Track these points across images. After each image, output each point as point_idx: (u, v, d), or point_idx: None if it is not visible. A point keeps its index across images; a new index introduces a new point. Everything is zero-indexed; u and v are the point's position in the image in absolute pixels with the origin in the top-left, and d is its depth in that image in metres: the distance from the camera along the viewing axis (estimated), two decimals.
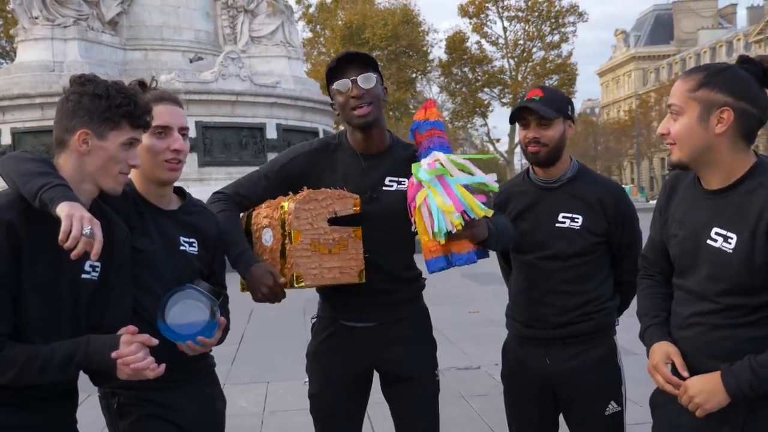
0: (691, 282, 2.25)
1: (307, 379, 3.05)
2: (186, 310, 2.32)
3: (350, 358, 2.91)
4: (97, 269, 2.21)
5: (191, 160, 17.21)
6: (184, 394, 2.49)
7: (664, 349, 2.26)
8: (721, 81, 2.11)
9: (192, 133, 17.15)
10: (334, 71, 2.82)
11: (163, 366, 2.09)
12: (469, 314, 8.95)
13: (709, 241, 2.15)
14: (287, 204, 2.70)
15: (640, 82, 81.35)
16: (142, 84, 2.41)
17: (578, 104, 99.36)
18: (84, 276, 2.17)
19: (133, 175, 2.48)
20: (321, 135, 20.10)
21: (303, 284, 2.67)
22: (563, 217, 2.90)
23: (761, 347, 2.08)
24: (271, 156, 17.96)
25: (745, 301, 2.12)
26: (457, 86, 49.96)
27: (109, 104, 2.12)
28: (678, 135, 2.16)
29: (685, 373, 2.18)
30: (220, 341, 2.48)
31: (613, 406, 2.86)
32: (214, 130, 17.64)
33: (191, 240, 2.52)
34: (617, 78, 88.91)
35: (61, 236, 1.89)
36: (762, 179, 2.10)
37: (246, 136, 18.20)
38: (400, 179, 2.88)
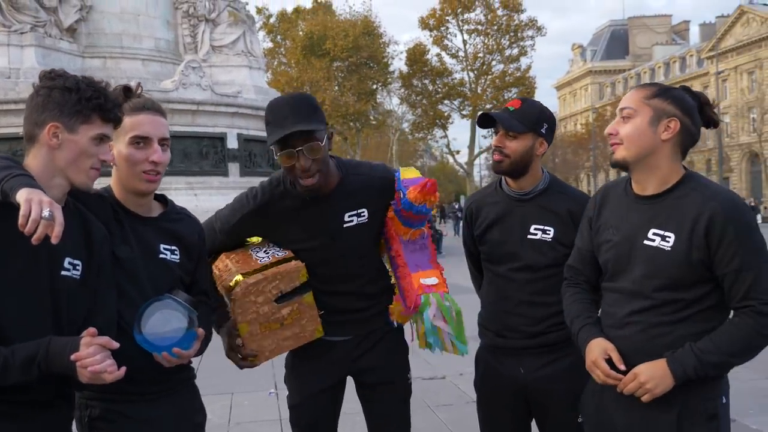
0: (624, 282, 2.41)
1: (273, 391, 3.09)
2: (163, 321, 2.27)
3: (328, 369, 2.97)
4: (78, 267, 2.16)
5: None
6: (160, 407, 2.44)
7: (601, 345, 2.41)
8: (672, 96, 2.40)
9: None
10: (272, 133, 2.66)
11: (123, 369, 2.04)
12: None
13: (645, 242, 2.35)
14: (231, 287, 2.70)
15: (596, 96, 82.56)
16: (127, 89, 2.39)
17: None
18: (64, 273, 2.12)
19: (112, 183, 2.46)
20: None
21: (259, 362, 2.79)
22: (535, 228, 2.94)
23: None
24: (232, 166, 18.04)
25: (680, 296, 2.31)
26: (418, 98, 50.11)
27: (80, 97, 2.10)
28: (628, 135, 2.37)
29: (622, 367, 2.35)
30: (200, 352, 2.44)
31: None
32: (174, 139, 17.11)
33: (172, 247, 2.48)
34: (574, 92, 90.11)
35: (20, 220, 1.84)
36: (694, 185, 2.36)
37: (206, 145, 18.00)
38: (359, 211, 2.87)
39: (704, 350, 2.25)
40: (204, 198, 16.10)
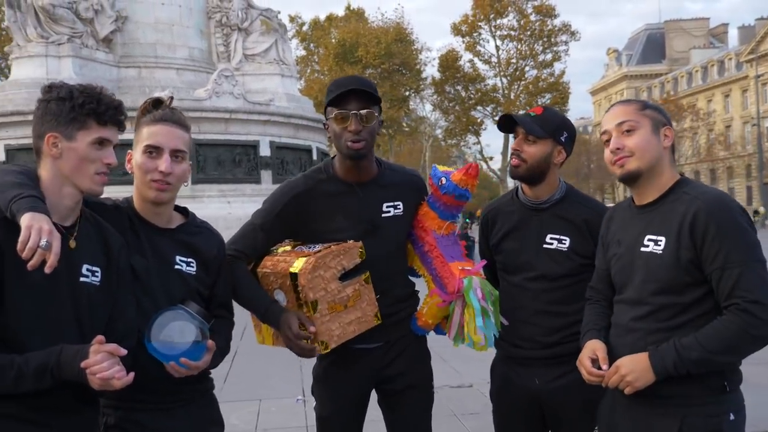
0: (629, 292, 2.44)
1: (300, 398, 3.08)
2: (173, 331, 2.29)
3: (359, 379, 2.97)
4: (97, 274, 2.20)
5: None
6: (175, 417, 2.45)
7: (590, 346, 2.47)
8: (657, 108, 2.48)
9: None
10: (335, 94, 2.78)
11: (131, 375, 2.07)
12: None
13: (642, 249, 2.38)
14: (296, 269, 2.67)
15: None
16: (157, 102, 2.43)
17: None
18: (83, 279, 2.16)
19: (133, 194, 2.50)
20: (314, 152, 20.16)
21: (329, 349, 2.72)
22: (551, 238, 2.92)
23: None
24: (265, 173, 18.16)
25: (675, 300, 2.32)
26: (450, 104, 50.10)
27: (73, 105, 2.13)
28: (637, 146, 2.40)
29: (605, 367, 2.38)
30: (214, 365, 2.44)
31: None
32: (208, 147, 17.61)
33: (189, 260, 2.50)
34: (609, 96, 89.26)
35: (18, 246, 1.90)
36: (686, 189, 2.38)
37: (239, 153, 18.17)
38: (396, 203, 2.93)
39: (685, 346, 2.24)
40: (237, 205, 16.25)
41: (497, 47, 49.91)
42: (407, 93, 47.97)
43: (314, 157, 20.15)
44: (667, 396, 2.33)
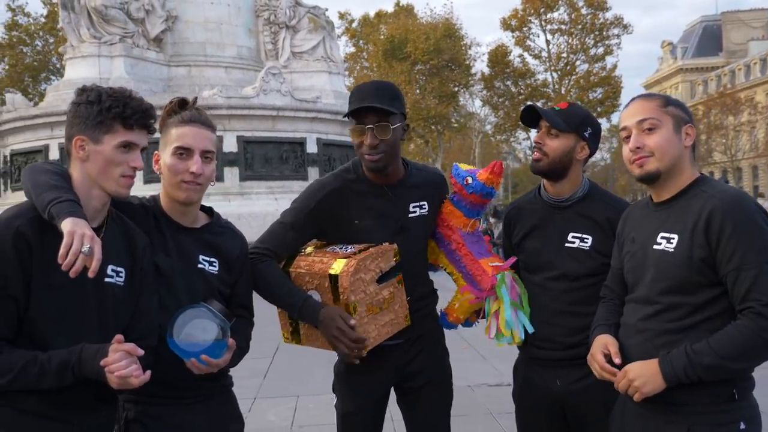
0: (640, 290, 2.38)
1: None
2: (195, 328, 2.33)
3: (380, 376, 2.98)
4: (121, 274, 2.26)
5: (232, 174, 17.38)
6: (194, 412, 2.48)
7: (602, 340, 2.43)
8: (679, 104, 2.39)
9: (233, 147, 17.36)
10: (351, 106, 2.81)
11: (148, 373, 2.11)
12: None
13: (655, 246, 2.31)
14: (336, 271, 2.68)
15: (687, 95, 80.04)
16: (183, 102, 2.47)
17: None
18: (107, 280, 2.21)
19: (161, 193, 2.55)
20: None
21: (366, 351, 2.72)
22: (573, 236, 2.87)
23: None
24: (312, 170, 18.26)
25: (684, 300, 2.24)
26: (500, 100, 49.71)
27: (100, 108, 2.18)
28: (658, 145, 2.32)
29: (617, 360, 2.33)
30: (233, 364, 2.47)
31: None
32: (255, 144, 17.79)
33: (212, 259, 2.54)
34: (664, 90, 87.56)
35: (61, 251, 1.95)
36: (704, 187, 2.31)
37: (287, 150, 18.32)
38: (422, 203, 2.96)
39: (697, 351, 2.16)
40: (284, 203, 16.22)
41: (547, 41, 49.36)
42: (456, 89, 47.74)
43: None
44: (674, 403, 2.27)
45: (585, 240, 2.86)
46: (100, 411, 2.28)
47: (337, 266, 2.69)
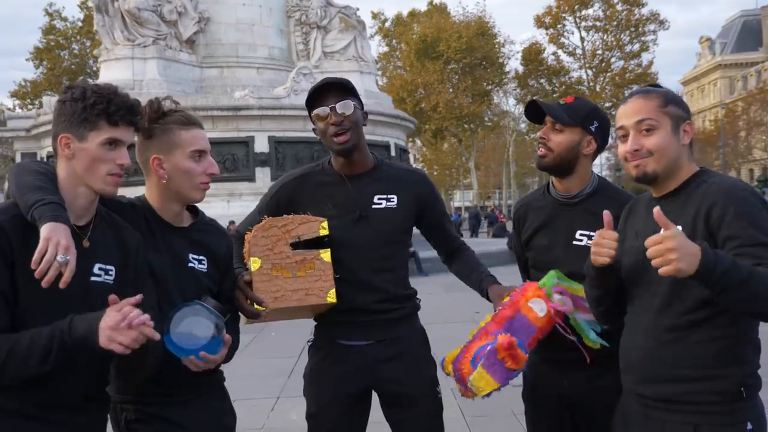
0: (643, 287, 2.33)
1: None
2: (191, 326, 2.32)
3: (347, 378, 2.89)
4: (111, 272, 2.23)
5: (264, 174, 17.52)
6: (191, 409, 2.49)
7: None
8: (678, 100, 2.36)
9: (265, 148, 17.50)
10: (313, 98, 2.86)
11: (156, 334, 2.05)
12: None
13: None
14: (249, 233, 2.79)
15: (726, 91, 78.78)
16: (153, 102, 2.45)
17: None
18: (93, 279, 2.18)
19: (147, 193, 2.53)
20: (392, 148, 20.22)
21: (264, 308, 2.70)
22: (581, 234, 2.82)
23: (708, 353, 2.18)
24: None
25: (691, 293, 2.18)
26: (534, 98, 49.40)
27: (85, 105, 2.13)
28: (657, 146, 2.28)
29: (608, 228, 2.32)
30: (227, 359, 2.47)
31: None
32: (287, 144, 17.91)
33: (200, 257, 2.54)
34: (702, 87, 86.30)
35: (35, 257, 1.93)
36: (705, 178, 2.30)
37: (318, 150, 18.35)
38: (389, 196, 2.92)
39: (739, 264, 1.99)
40: None
41: (582, 39, 48.90)
42: (489, 87, 47.56)
43: (392, 153, 20.20)
44: (680, 402, 2.23)
45: (593, 238, 2.79)
46: (90, 411, 2.25)
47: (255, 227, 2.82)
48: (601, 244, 2.30)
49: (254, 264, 2.72)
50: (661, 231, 2.11)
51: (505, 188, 58.80)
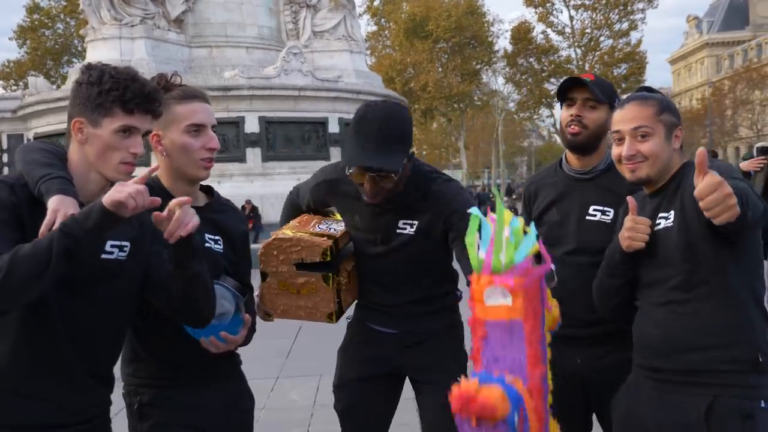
0: (650, 273, 2.43)
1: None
2: None
3: (372, 358, 2.92)
4: (126, 248, 2.17)
5: (254, 155, 17.44)
6: (209, 393, 2.45)
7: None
8: (672, 107, 2.50)
9: (255, 128, 17.40)
10: (347, 153, 2.71)
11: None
12: None
13: (656, 228, 2.38)
14: (266, 240, 2.84)
15: (713, 70, 78.86)
16: (162, 78, 2.40)
17: None
18: (104, 257, 2.12)
19: (160, 172, 2.47)
20: None
21: (271, 318, 2.85)
22: (594, 209, 2.80)
23: (725, 321, 2.28)
24: (334, 150, 18.21)
25: (697, 267, 2.30)
26: (523, 77, 49.21)
27: (100, 90, 2.06)
28: (652, 153, 2.40)
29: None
30: (246, 342, 2.45)
31: None
32: (277, 125, 17.82)
33: (216, 237, 2.49)
34: (689, 66, 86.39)
35: (42, 229, 1.88)
36: (687, 170, 2.36)
37: (308, 130, 18.35)
38: (412, 222, 2.79)
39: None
40: None
41: (571, 17, 48.61)
42: (479, 66, 47.36)
43: None
44: (698, 371, 2.29)
45: (607, 213, 2.78)
46: (94, 391, 2.19)
47: (273, 235, 2.83)
48: (635, 229, 2.37)
49: (263, 277, 2.81)
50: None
51: (494, 168, 58.76)
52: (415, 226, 2.79)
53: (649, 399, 2.40)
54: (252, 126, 17.51)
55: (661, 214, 2.40)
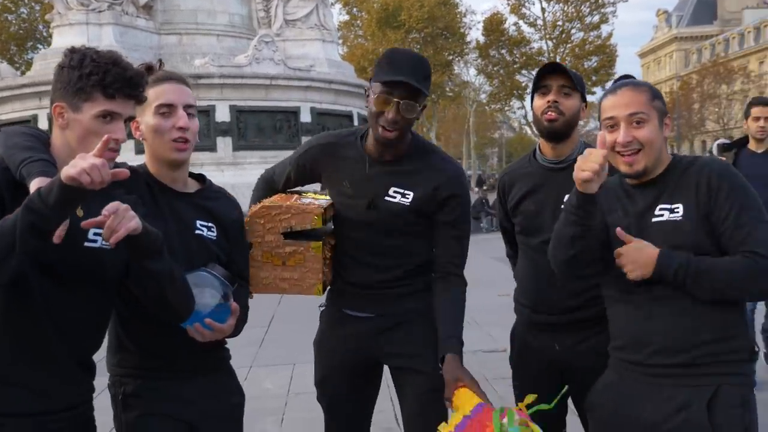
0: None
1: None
2: (198, 292, 2.24)
3: (351, 346, 2.87)
4: None
5: (225, 144, 17.26)
6: (196, 386, 2.40)
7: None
8: (660, 94, 2.45)
9: (226, 117, 17.21)
10: (384, 72, 2.64)
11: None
12: (498, 297, 8.85)
13: (655, 219, 2.34)
14: (251, 209, 2.75)
15: (681, 64, 79.79)
16: (149, 68, 2.34)
17: None
18: (87, 244, 2.08)
19: (146, 159, 2.43)
20: (355, 118, 20.04)
21: (253, 292, 2.70)
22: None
23: (724, 317, 2.28)
24: (305, 140, 17.99)
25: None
26: (495, 68, 49.42)
27: (81, 74, 2.02)
28: (648, 140, 2.34)
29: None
30: (236, 333, 2.39)
31: None
32: (249, 114, 17.64)
33: (209, 224, 2.43)
34: (659, 59, 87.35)
35: None
36: (691, 160, 2.40)
37: (280, 119, 18.16)
38: (405, 192, 2.77)
39: (699, 258, 2.24)
40: None
41: (543, 9, 48.85)
42: (451, 57, 47.43)
43: (355, 122, 20.04)
44: (699, 364, 2.27)
45: None
46: (78, 378, 2.16)
47: (257, 204, 2.78)
48: (586, 158, 2.26)
49: (250, 246, 2.70)
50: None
51: (465, 159, 58.93)
52: (410, 197, 2.76)
53: (643, 393, 2.36)
54: (223, 115, 17.30)
55: (662, 206, 2.34)
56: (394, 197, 2.77)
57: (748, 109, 5.85)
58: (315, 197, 2.92)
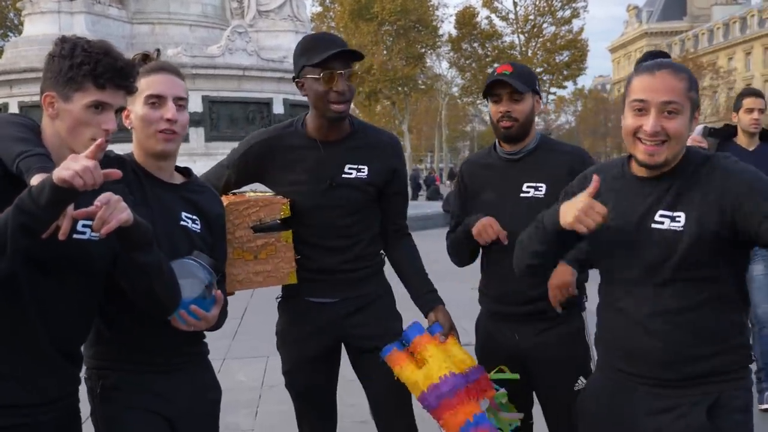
0: (632, 270, 2.20)
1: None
2: (183, 279, 2.24)
3: (318, 334, 2.94)
4: None
5: (198, 135, 17.15)
6: (174, 381, 2.40)
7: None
8: (697, 85, 2.20)
9: (199, 107, 17.09)
10: (318, 53, 2.75)
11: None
12: (471, 290, 8.92)
13: (654, 225, 2.14)
14: None
15: None
16: (145, 57, 2.37)
17: (589, 81, 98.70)
18: (78, 237, 2.07)
19: (133, 148, 2.44)
20: None
21: (229, 291, 2.70)
22: (527, 186, 2.93)
23: (725, 325, 2.17)
24: None
25: (699, 274, 2.13)
26: (467, 62, 49.49)
27: (71, 64, 2.01)
28: (677, 133, 2.11)
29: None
30: (218, 325, 2.40)
31: (582, 382, 2.85)
32: (221, 104, 17.55)
33: (194, 217, 2.45)
34: (629, 54, 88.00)
35: None
36: (702, 156, 2.19)
37: (253, 111, 18.09)
38: (360, 167, 2.90)
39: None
40: None
41: (515, 3, 49.11)
42: (423, 50, 47.38)
43: None
44: (702, 375, 2.16)
45: (539, 189, 2.92)
46: (66, 370, 2.17)
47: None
48: (588, 214, 2.08)
49: None
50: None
51: (437, 152, 59.03)
52: (366, 171, 2.90)
53: (640, 402, 2.22)
54: (195, 105, 17.16)
55: (662, 212, 2.14)
56: (351, 173, 2.90)
57: (738, 101, 5.26)
58: (264, 194, 2.96)
